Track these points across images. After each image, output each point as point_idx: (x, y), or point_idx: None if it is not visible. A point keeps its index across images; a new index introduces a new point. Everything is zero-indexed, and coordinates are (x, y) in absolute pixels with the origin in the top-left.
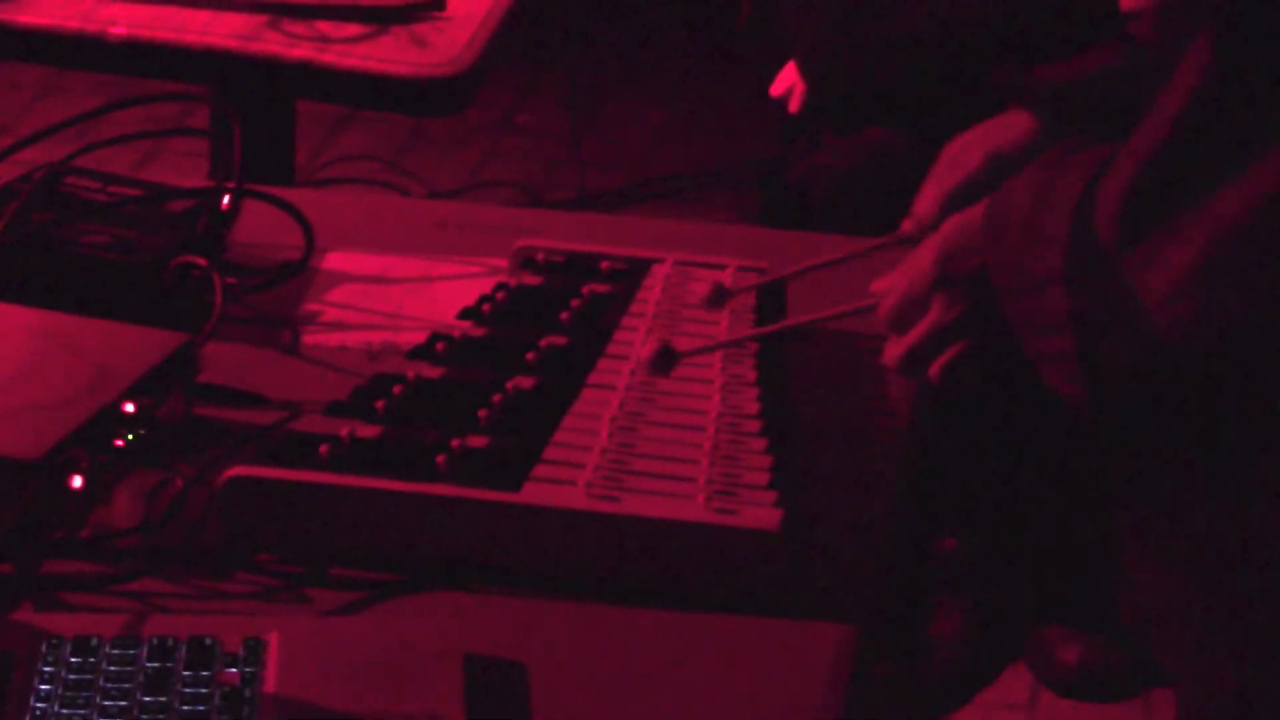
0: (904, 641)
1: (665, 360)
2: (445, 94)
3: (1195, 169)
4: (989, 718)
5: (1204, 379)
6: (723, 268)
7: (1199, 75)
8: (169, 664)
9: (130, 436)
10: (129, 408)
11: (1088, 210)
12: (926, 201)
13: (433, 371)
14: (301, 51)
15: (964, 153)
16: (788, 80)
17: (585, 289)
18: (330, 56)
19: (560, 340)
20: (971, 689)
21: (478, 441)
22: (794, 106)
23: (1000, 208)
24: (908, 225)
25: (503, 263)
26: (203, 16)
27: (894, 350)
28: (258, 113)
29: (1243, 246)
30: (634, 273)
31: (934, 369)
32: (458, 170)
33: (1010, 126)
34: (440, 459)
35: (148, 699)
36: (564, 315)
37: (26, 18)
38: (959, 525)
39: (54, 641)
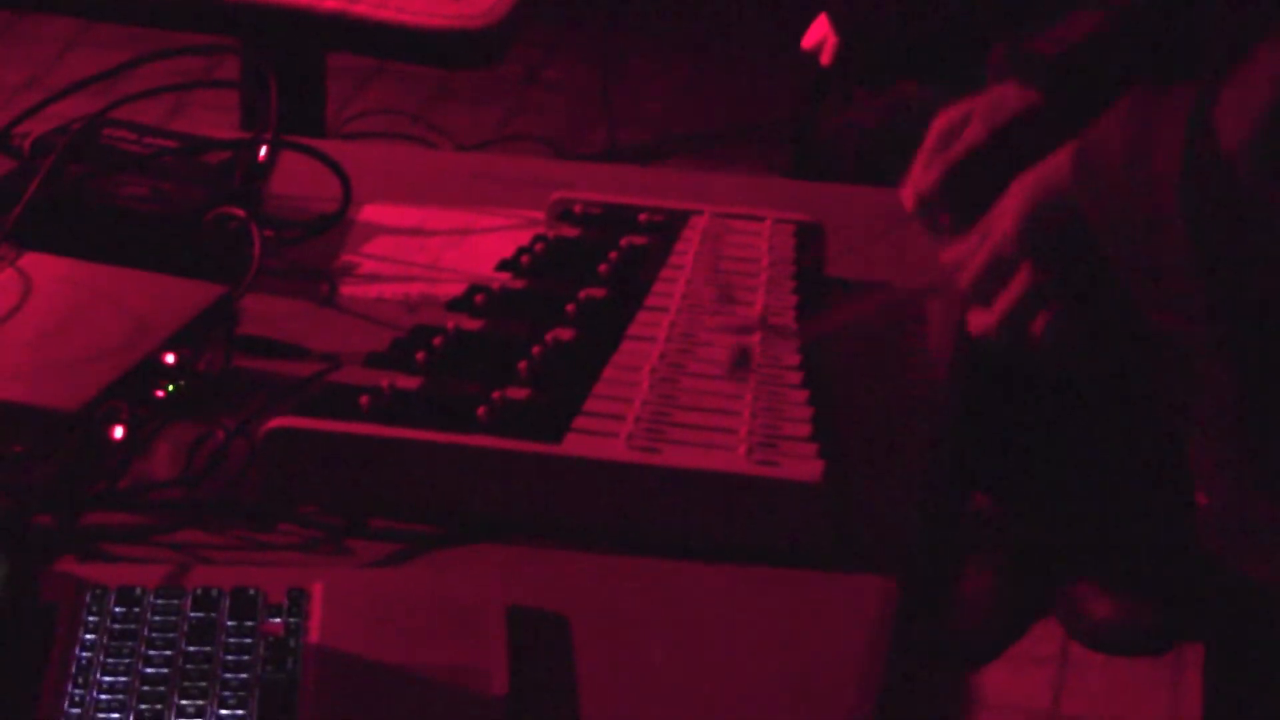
0: (939, 597)
1: (744, 362)
2: (479, 46)
3: None
4: (1019, 671)
5: None
6: (761, 219)
7: None
8: (213, 614)
9: (170, 388)
10: (169, 359)
11: (1204, 143)
12: (929, 177)
13: (472, 323)
14: (334, 3)
15: (963, 126)
16: (819, 33)
17: (623, 241)
18: (363, 8)
19: (599, 292)
20: (1002, 644)
21: (518, 393)
22: (826, 59)
23: (1093, 155)
24: (908, 202)
25: (539, 215)
26: None
27: (983, 319)
28: (289, 65)
29: None
30: (672, 225)
31: (1037, 333)
32: (484, 125)
33: (1005, 98)
34: (481, 411)
35: (192, 649)
36: (602, 267)
37: None
38: (992, 482)
39: (97, 592)
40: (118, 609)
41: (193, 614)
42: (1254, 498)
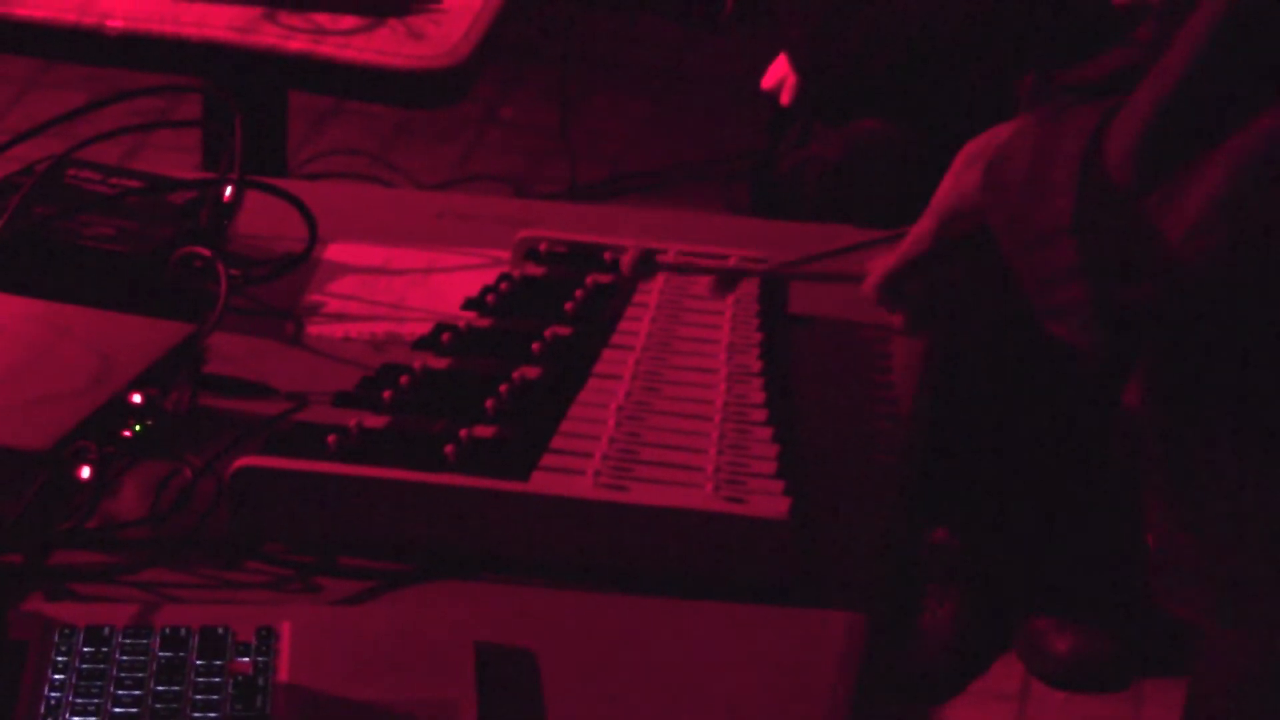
0: (903, 632)
1: (646, 265)
2: (442, 86)
3: (1214, 104)
4: (981, 708)
5: (1228, 313)
6: (725, 258)
7: (1217, 13)
8: (182, 653)
9: (138, 427)
10: (136, 399)
11: (1096, 157)
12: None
13: (439, 362)
14: (298, 44)
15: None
16: (779, 73)
17: (589, 279)
18: (327, 49)
19: (565, 330)
20: (963, 679)
21: (485, 431)
22: (785, 99)
23: (1000, 165)
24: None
25: (504, 254)
26: (198, 9)
27: (896, 320)
28: (252, 105)
29: (1264, 176)
30: None
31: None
32: (443, 164)
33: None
34: (448, 449)
35: (161, 688)
36: (568, 305)
37: (22, 10)
38: (952, 516)
39: (66, 631)
40: (86, 648)
41: (161, 653)
42: (1180, 540)
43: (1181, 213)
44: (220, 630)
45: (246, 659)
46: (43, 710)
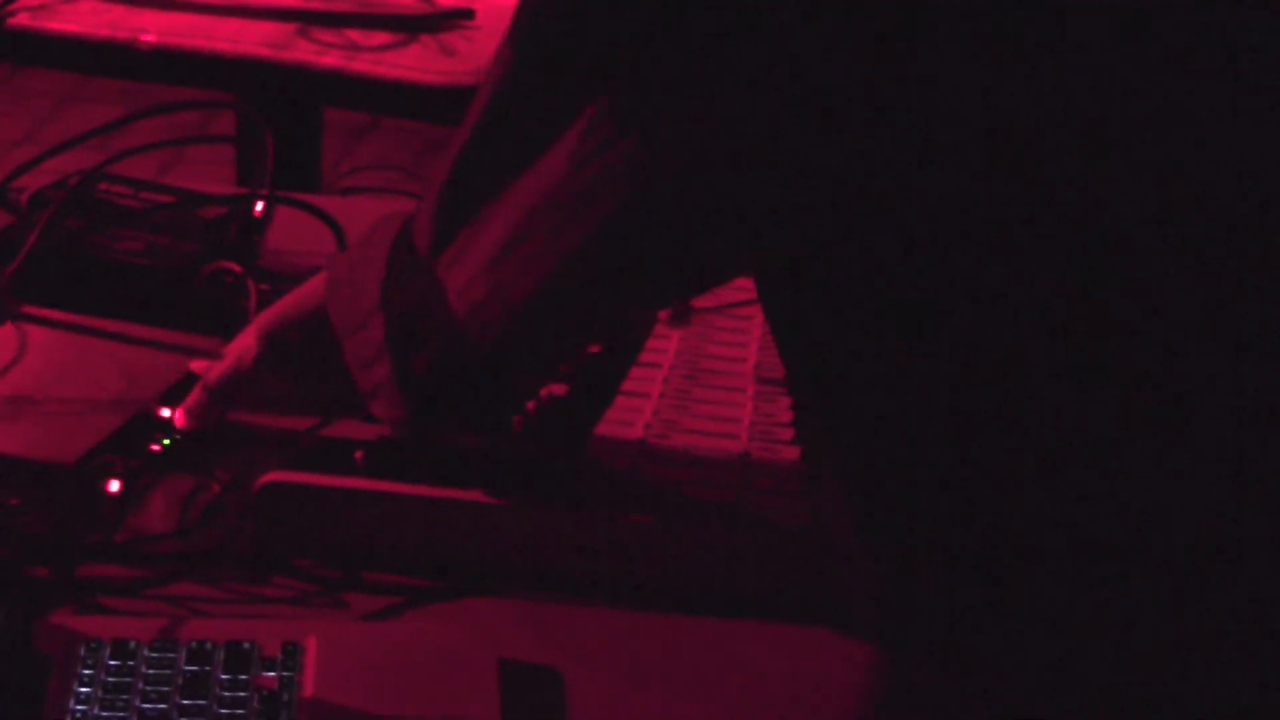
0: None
1: (682, 313)
2: None
3: (493, 164)
4: None
5: (505, 370)
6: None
7: (497, 75)
8: (207, 668)
9: (165, 441)
10: (164, 413)
11: (406, 233)
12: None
13: None
14: (331, 59)
15: None
16: None
17: None
18: (360, 65)
19: (593, 348)
20: None
21: (512, 448)
22: None
23: (335, 258)
24: None
25: None
26: (232, 24)
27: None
28: (286, 120)
29: (529, 232)
30: None
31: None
32: None
33: None
34: (475, 465)
35: (186, 702)
36: None
37: (57, 24)
38: None
39: (92, 644)
40: (112, 661)
41: (187, 667)
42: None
43: (463, 269)
44: (246, 645)
45: (272, 674)
46: None
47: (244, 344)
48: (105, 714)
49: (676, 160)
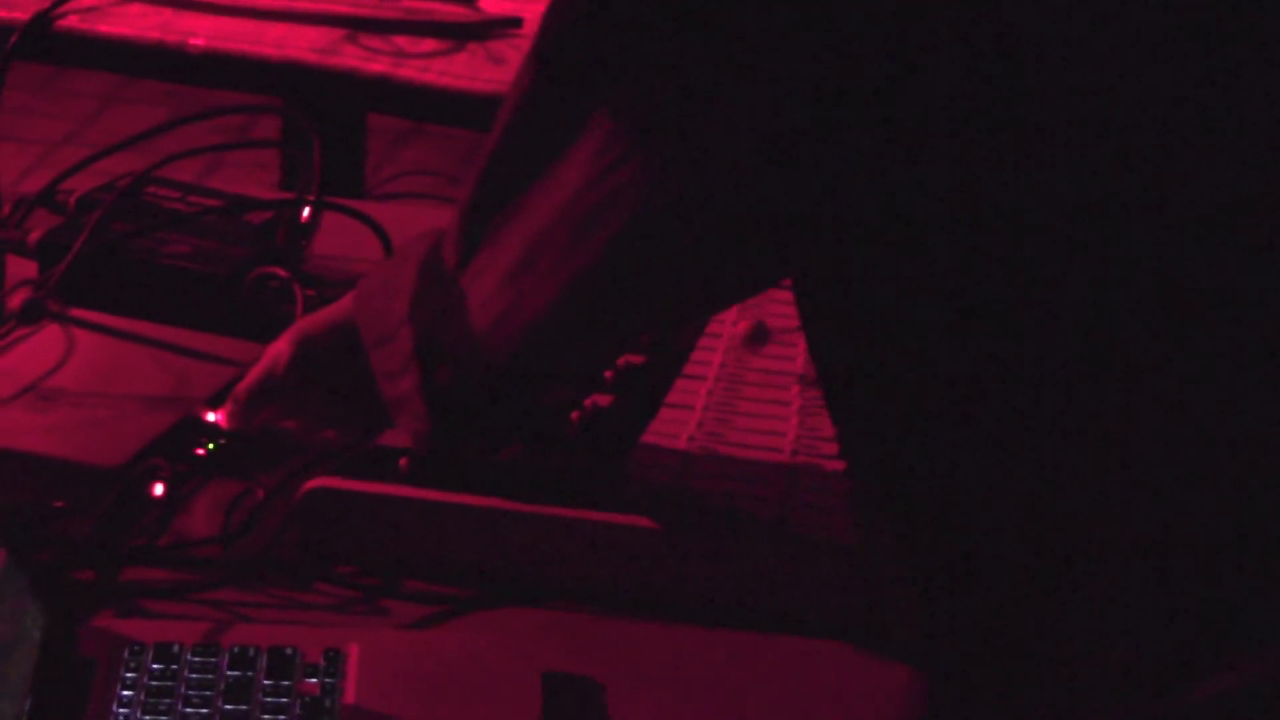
0: None
1: (759, 335)
2: None
3: (515, 177)
4: None
5: (526, 383)
6: None
7: (520, 89)
8: (250, 673)
9: (211, 446)
10: (210, 417)
11: (437, 248)
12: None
13: None
14: (379, 66)
15: None
16: None
17: None
18: (407, 71)
19: (638, 359)
20: None
21: (557, 459)
22: None
23: (368, 275)
24: None
25: None
26: (280, 29)
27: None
28: (331, 125)
29: (546, 246)
30: None
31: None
32: None
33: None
34: (520, 475)
35: (228, 707)
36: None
37: (106, 27)
38: None
39: (135, 648)
40: (155, 665)
41: (230, 672)
42: None
43: (485, 283)
44: (289, 651)
45: (314, 680)
46: None
47: (278, 349)
48: (147, 718)
49: (687, 175)
